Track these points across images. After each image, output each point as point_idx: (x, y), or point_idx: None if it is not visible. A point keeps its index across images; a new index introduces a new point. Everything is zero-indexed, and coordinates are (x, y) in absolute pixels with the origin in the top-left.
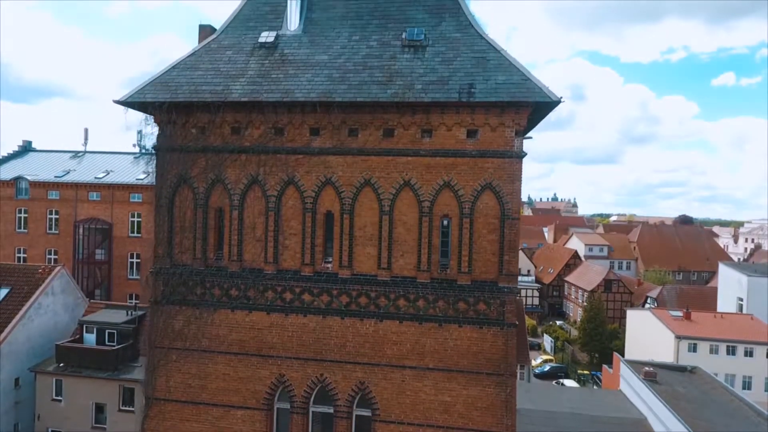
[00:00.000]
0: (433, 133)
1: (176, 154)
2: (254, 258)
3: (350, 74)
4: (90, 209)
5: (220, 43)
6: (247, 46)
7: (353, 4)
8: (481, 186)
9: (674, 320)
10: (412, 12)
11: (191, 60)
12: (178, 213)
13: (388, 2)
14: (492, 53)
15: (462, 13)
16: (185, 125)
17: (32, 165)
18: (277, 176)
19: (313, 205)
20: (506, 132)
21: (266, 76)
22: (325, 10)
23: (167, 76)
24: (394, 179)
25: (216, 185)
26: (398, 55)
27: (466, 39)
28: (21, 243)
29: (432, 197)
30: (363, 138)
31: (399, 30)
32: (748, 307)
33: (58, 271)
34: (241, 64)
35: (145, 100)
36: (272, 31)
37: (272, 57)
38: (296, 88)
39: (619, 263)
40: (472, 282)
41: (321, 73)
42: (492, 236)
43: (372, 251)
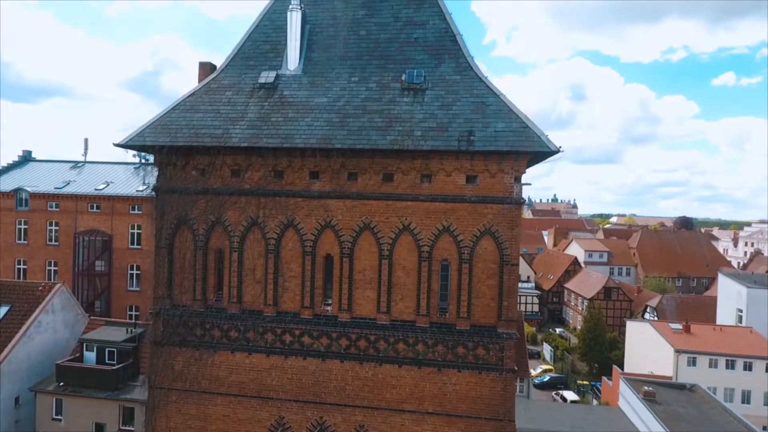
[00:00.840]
0: (433, 178)
1: (176, 196)
2: (254, 300)
3: (350, 119)
4: (90, 221)
5: (219, 82)
6: (246, 86)
7: (353, 43)
8: (481, 231)
9: (674, 333)
10: (411, 52)
11: (191, 101)
12: (178, 254)
13: (387, 42)
14: (491, 98)
15: (461, 55)
16: (185, 167)
17: (32, 175)
18: (276, 219)
19: (313, 248)
20: (505, 178)
21: (266, 120)
22: (324, 50)
23: (167, 117)
24: (393, 224)
25: (216, 227)
26: (398, 99)
27: (466, 82)
28: (21, 254)
29: (431, 242)
30: (362, 182)
31: (399, 71)
32: (748, 318)
33: (58, 288)
34: (241, 106)
35: (144, 144)
36: (272, 70)
37: (272, 99)
38: (296, 132)
39: (618, 269)
40: (471, 327)
41: (320, 117)
42: (491, 281)
43: (371, 295)
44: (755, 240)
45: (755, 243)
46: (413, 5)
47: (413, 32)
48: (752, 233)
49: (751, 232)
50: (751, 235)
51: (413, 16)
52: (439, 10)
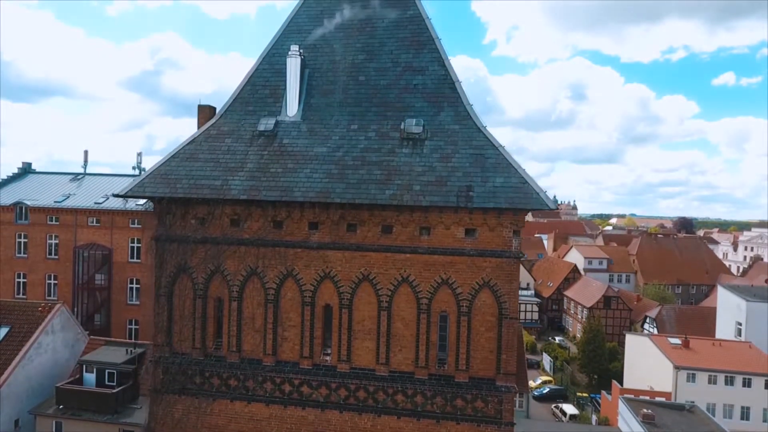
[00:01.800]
0: (432, 231)
1: (176, 244)
2: (253, 349)
3: (349, 170)
4: (90, 234)
5: (219, 129)
6: (246, 133)
7: (352, 89)
8: (479, 285)
9: (673, 349)
10: (410, 99)
11: (191, 149)
12: (178, 302)
13: (387, 88)
14: (490, 150)
15: (461, 103)
16: (185, 216)
17: (32, 188)
18: (276, 269)
19: (312, 299)
20: (504, 232)
21: (265, 170)
22: (324, 95)
23: (167, 166)
24: (392, 275)
25: (215, 276)
26: (397, 149)
27: (465, 132)
28: (21, 268)
29: (430, 294)
30: (362, 234)
31: (398, 119)
32: (747, 331)
33: (58, 308)
34: (241, 155)
35: (144, 194)
36: (271, 117)
37: (271, 147)
38: (295, 185)
39: (618, 276)
40: (469, 379)
41: (320, 168)
42: (490, 334)
43: (370, 345)
44: (755, 244)
45: (755, 248)
46: (412, 50)
47: (412, 78)
48: (752, 237)
49: (750, 236)
50: (750, 240)
51: (412, 61)
52: (438, 55)
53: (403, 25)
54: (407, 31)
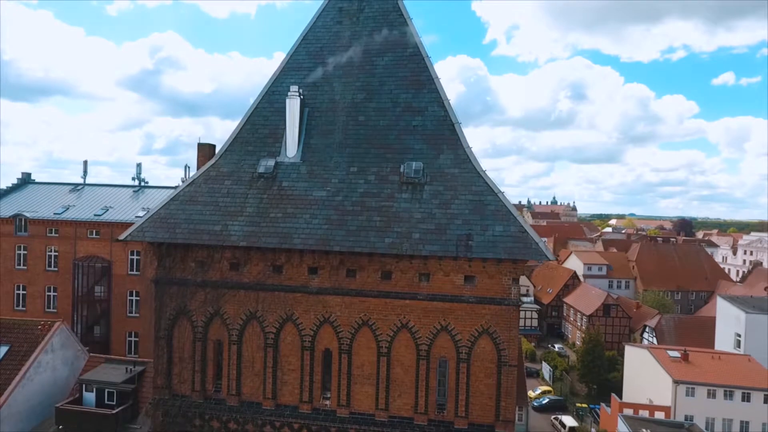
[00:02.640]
0: (431, 278)
1: (175, 287)
2: (253, 392)
3: (348, 216)
4: (89, 247)
5: (218, 170)
6: (246, 174)
7: (351, 129)
8: (478, 331)
9: (672, 362)
10: (410, 141)
11: (190, 191)
12: (177, 344)
13: (386, 129)
14: (489, 196)
15: (460, 146)
16: (184, 259)
17: (31, 199)
18: (275, 313)
19: (312, 343)
20: (503, 280)
21: (265, 215)
22: (323, 136)
23: (166, 210)
24: (391, 321)
25: (215, 319)
26: (396, 194)
27: (465, 176)
28: (20, 280)
29: (429, 340)
30: (361, 279)
31: (397, 161)
32: (746, 343)
33: (58, 326)
34: (240, 198)
35: (144, 240)
36: (271, 158)
37: (271, 190)
38: (294, 231)
39: (618, 282)
40: (468, 425)
41: (319, 213)
42: (489, 380)
43: (370, 390)
44: (754, 248)
45: (754, 251)
46: (412, 90)
47: (412, 119)
48: (751, 242)
49: (750, 240)
50: (750, 244)
51: (412, 101)
52: (437, 95)
53: (402, 63)
54: (407, 70)
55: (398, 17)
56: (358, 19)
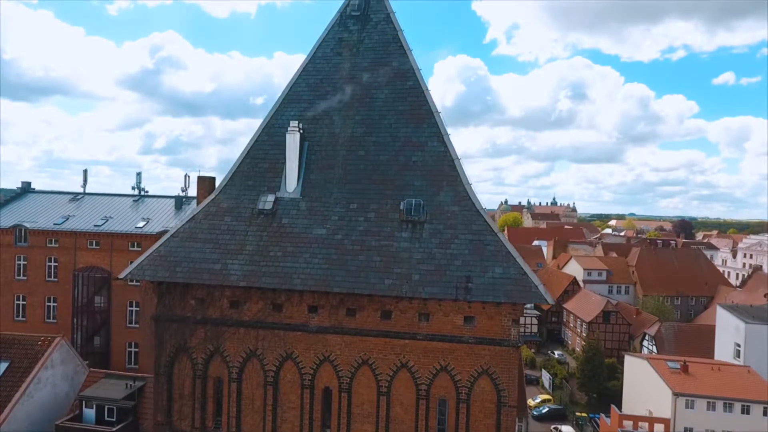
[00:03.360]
0: (431, 318)
1: (175, 324)
2: (252, 429)
3: (348, 256)
4: (89, 257)
5: (218, 205)
6: (245, 210)
7: (351, 164)
8: (478, 372)
9: (672, 374)
10: (410, 177)
11: (190, 227)
12: (177, 381)
13: (386, 165)
14: (489, 236)
15: (460, 182)
16: (184, 297)
17: (31, 209)
18: (275, 351)
19: (312, 381)
20: (503, 321)
21: (264, 254)
22: (323, 171)
23: (166, 247)
24: (391, 361)
25: (215, 356)
26: (396, 233)
27: (464, 214)
28: (20, 290)
29: (429, 380)
30: (361, 318)
31: (397, 198)
32: (746, 353)
33: (58, 342)
34: (240, 236)
35: (144, 278)
36: (270, 193)
37: (271, 227)
38: (294, 271)
39: (617, 288)
40: None
41: (319, 252)
42: (488, 421)
43: (370, 429)
44: (754, 251)
45: (754, 254)
46: (412, 124)
47: (412, 154)
48: (751, 245)
49: (749, 243)
50: (750, 247)
51: (412, 135)
52: (437, 130)
53: (402, 96)
54: (406, 103)
55: (398, 48)
56: (357, 50)
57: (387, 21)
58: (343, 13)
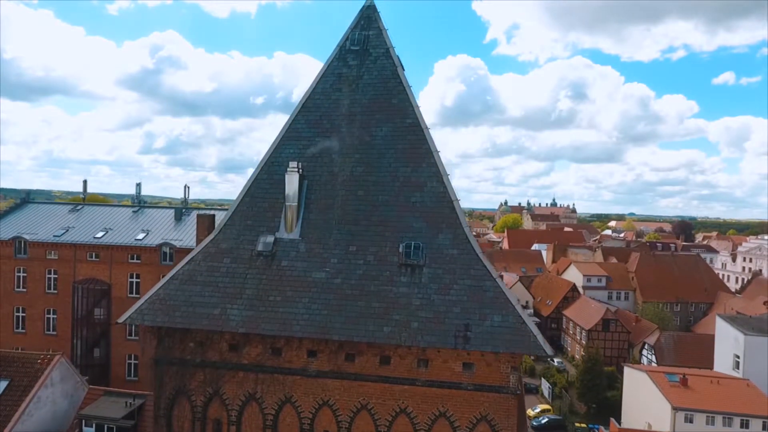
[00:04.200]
0: (430, 364)
1: (175, 367)
2: None
3: (348, 301)
4: (89, 269)
5: (218, 246)
6: (245, 252)
7: (351, 205)
8: (477, 419)
9: (671, 387)
10: (409, 219)
11: (190, 269)
12: (176, 424)
13: (385, 206)
14: (488, 282)
15: (459, 225)
16: (183, 340)
17: (31, 221)
18: (274, 395)
19: (311, 426)
20: (501, 368)
21: (264, 299)
22: (322, 211)
23: (165, 290)
24: (390, 407)
25: (214, 399)
26: (395, 278)
27: (463, 258)
28: (20, 302)
29: (428, 426)
30: (360, 364)
31: (396, 240)
32: (745, 365)
33: (57, 360)
34: (239, 279)
35: (143, 323)
36: (270, 234)
37: (270, 270)
38: (293, 317)
39: (617, 294)
40: None
41: (318, 298)
42: None
43: None
44: (753, 255)
45: (753, 258)
46: (411, 164)
47: (411, 195)
48: (750, 249)
49: (749, 247)
50: (749, 251)
51: (411, 175)
52: (437, 170)
53: (401, 134)
54: (406, 142)
55: (397, 85)
56: (357, 86)
57: (386, 56)
58: (342, 47)
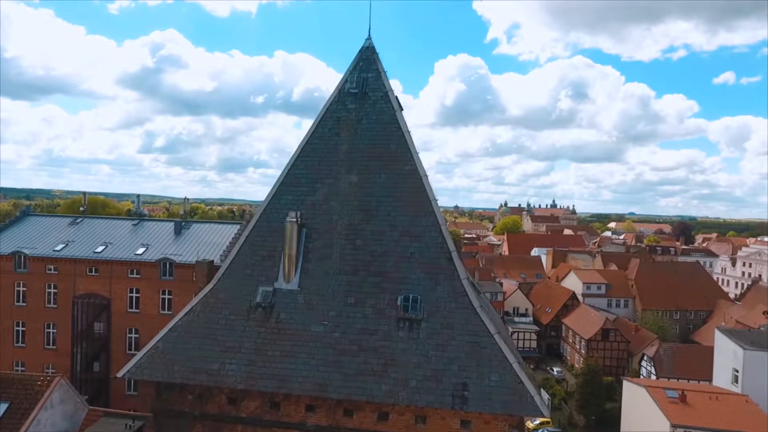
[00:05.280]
0: (428, 420)
1: (174, 419)
2: None
3: (346, 357)
4: (88, 284)
5: (216, 296)
6: (243, 303)
7: (349, 255)
8: None
9: (670, 404)
10: (407, 270)
11: (189, 321)
12: None
13: (383, 256)
14: (485, 338)
15: (457, 277)
16: (182, 393)
17: (31, 234)
18: None
19: None
20: (499, 426)
21: (262, 353)
22: (321, 261)
23: (165, 342)
24: None
25: None
26: (393, 333)
27: (461, 313)
28: (20, 317)
29: None
30: (358, 419)
31: (394, 292)
32: (744, 380)
33: (57, 381)
34: (238, 332)
35: (142, 378)
36: (268, 284)
37: (268, 323)
38: (292, 373)
39: (617, 301)
40: None
41: (317, 353)
42: None
43: None
44: (753, 261)
45: (753, 264)
46: (410, 212)
47: (410, 245)
48: (750, 254)
49: (749, 252)
50: (749, 256)
51: (410, 225)
52: (435, 220)
53: (400, 182)
54: (404, 190)
55: (396, 130)
56: (356, 130)
57: (385, 100)
58: (342, 90)
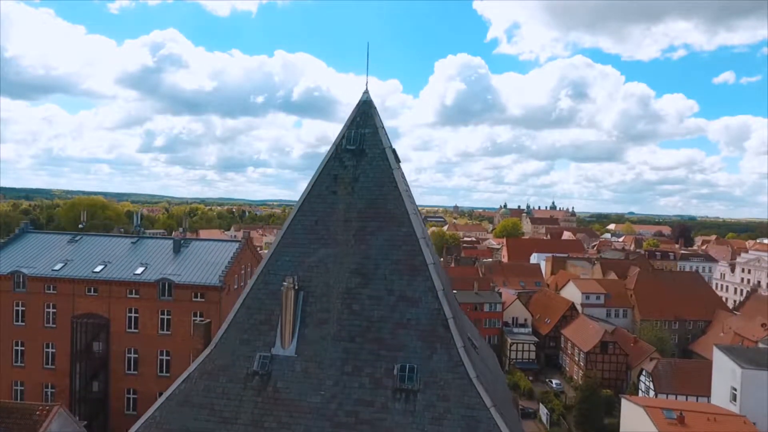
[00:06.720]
0: None
1: None
2: None
3: (342, 430)
4: (87, 304)
5: (214, 362)
6: (241, 369)
7: (346, 321)
8: None
9: (668, 425)
10: (404, 337)
11: (186, 389)
12: None
13: (380, 321)
14: (482, 411)
15: (453, 345)
16: None
17: (30, 252)
18: None
19: None
20: None
21: (259, 425)
22: (318, 326)
23: (161, 412)
24: None
25: None
26: (389, 404)
27: (458, 384)
28: (19, 336)
29: None
30: None
31: (391, 360)
32: (742, 399)
33: (56, 411)
34: (235, 401)
35: None
36: (266, 350)
37: (265, 392)
38: None
39: (615, 311)
40: None
41: (314, 425)
42: None
43: None
44: (752, 267)
45: (752, 270)
46: (406, 276)
47: (406, 311)
48: (749, 260)
49: (748, 258)
50: (748, 262)
51: (406, 289)
52: (431, 284)
53: (397, 244)
54: (401, 252)
55: (393, 189)
56: (353, 189)
57: (382, 157)
58: (339, 146)
